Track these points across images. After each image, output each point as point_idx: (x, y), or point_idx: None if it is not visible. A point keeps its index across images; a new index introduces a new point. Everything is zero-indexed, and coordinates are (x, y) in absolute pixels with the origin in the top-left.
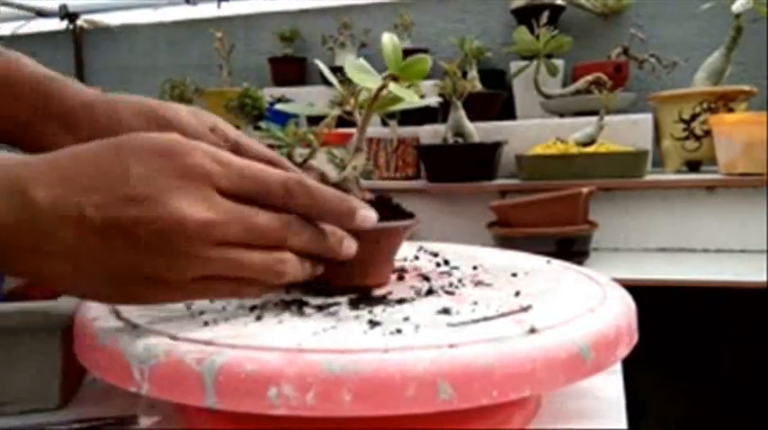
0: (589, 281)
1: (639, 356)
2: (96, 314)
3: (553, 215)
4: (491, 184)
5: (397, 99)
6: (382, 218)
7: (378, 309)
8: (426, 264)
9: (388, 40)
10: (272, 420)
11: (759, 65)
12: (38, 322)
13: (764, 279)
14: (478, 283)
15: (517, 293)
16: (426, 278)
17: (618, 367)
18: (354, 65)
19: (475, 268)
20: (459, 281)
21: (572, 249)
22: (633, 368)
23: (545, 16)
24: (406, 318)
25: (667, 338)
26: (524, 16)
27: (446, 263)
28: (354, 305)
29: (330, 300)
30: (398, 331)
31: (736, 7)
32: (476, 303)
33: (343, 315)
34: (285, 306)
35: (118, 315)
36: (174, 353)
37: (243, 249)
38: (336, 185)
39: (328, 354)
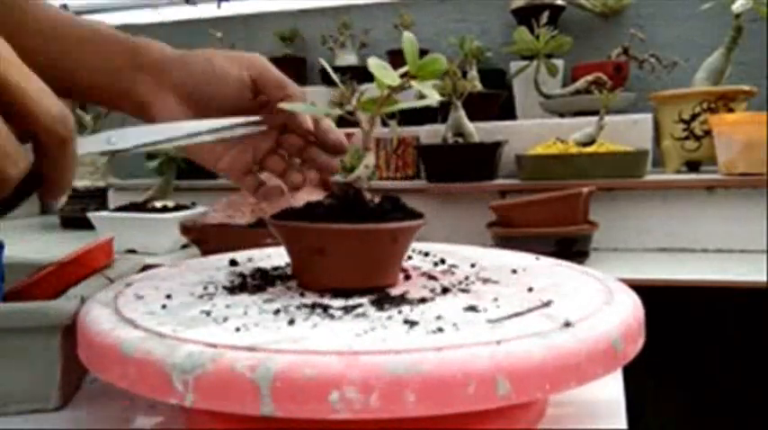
0: (585, 275)
1: (639, 356)
2: (108, 324)
3: (553, 215)
4: (491, 184)
5: (396, 100)
6: (395, 218)
7: (405, 309)
8: (423, 263)
9: (408, 39)
10: (275, 421)
11: (759, 65)
12: (38, 322)
13: (764, 279)
14: (486, 280)
15: (530, 289)
16: (432, 277)
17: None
18: (377, 63)
19: (473, 266)
20: (466, 278)
21: (572, 249)
22: (633, 368)
23: (545, 16)
24: (439, 317)
25: (667, 338)
26: (524, 16)
27: (443, 262)
28: (379, 305)
29: (352, 302)
30: (440, 330)
31: (736, 7)
32: (496, 299)
33: (374, 316)
34: (309, 309)
35: (133, 324)
36: (221, 362)
37: None
38: (349, 185)
39: (386, 355)
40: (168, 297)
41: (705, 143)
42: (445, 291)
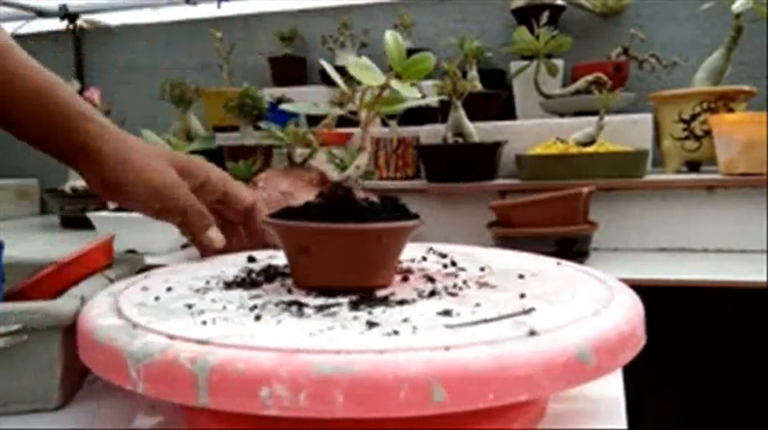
0: (598, 283)
1: (639, 356)
2: (99, 312)
3: (553, 215)
4: (491, 184)
5: (401, 98)
6: (386, 218)
7: (378, 310)
8: (433, 265)
9: (391, 38)
10: (276, 421)
11: (759, 65)
12: (38, 322)
13: (764, 279)
14: (483, 285)
15: (522, 295)
16: (431, 279)
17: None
18: (358, 63)
19: (482, 269)
20: (465, 282)
21: (572, 249)
22: (632, 368)
23: (545, 16)
24: (406, 320)
25: (667, 338)
26: (524, 16)
27: (453, 264)
28: (355, 306)
29: (331, 301)
30: (395, 332)
31: (736, 7)
32: (478, 305)
33: (343, 316)
34: (286, 306)
35: (119, 313)
36: (169, 353)
37: None
38: (338, 185)
39: (321, 355)
40: (169, 290)
41: (705, 143)
42: (433, 294)
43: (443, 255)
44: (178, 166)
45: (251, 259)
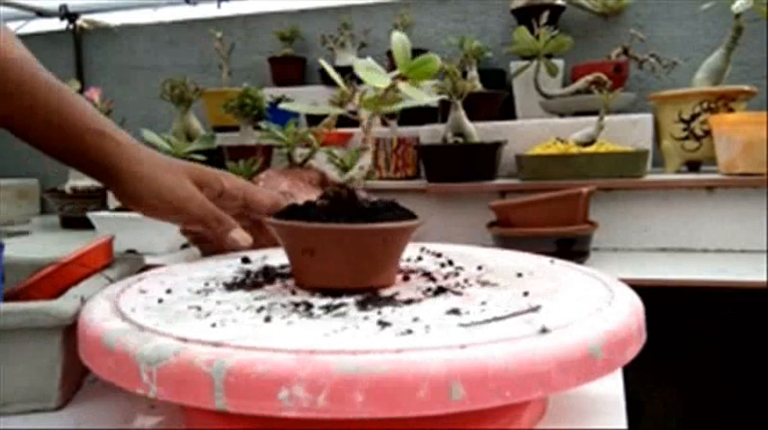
0: (594, 280)
1: (638, 356)
2: (101, 315)
3: (553, 215)
4: (491, 184)
5: (400, 98)
6: (389, 218)
7: (386, 310)
8: (430, 264)
9: (398, 39)
10: (277, 421)
11: (759, 65)
12: (38, 322)
13: (764, 279)
14: (485, 283)
15: (525, 293)
16: (432, 278)
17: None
18: (363, 64)
19: (480, 268)
20: (466, 281)
21: (572, 249)
22: (632, 368)
23: (545, 16)
24: (416, 319)
25: (666, 338)
26: (524, 16)
27: (450, 263)
28: (363, 306)
29: (337, 301)
30: (409, 331)
31: (736, 7)
32: (484, 303)
33: (352, 316)
34: (293, 307)
35: (123, 316)
36: (183, 355)
37: None
38: (342, 186)
39: (340, 355)
40: (168, 292)
41: (705, 143)
42: (437, 293)
43: (438, 255)
44: (194, 178)
45: (245, 260)
